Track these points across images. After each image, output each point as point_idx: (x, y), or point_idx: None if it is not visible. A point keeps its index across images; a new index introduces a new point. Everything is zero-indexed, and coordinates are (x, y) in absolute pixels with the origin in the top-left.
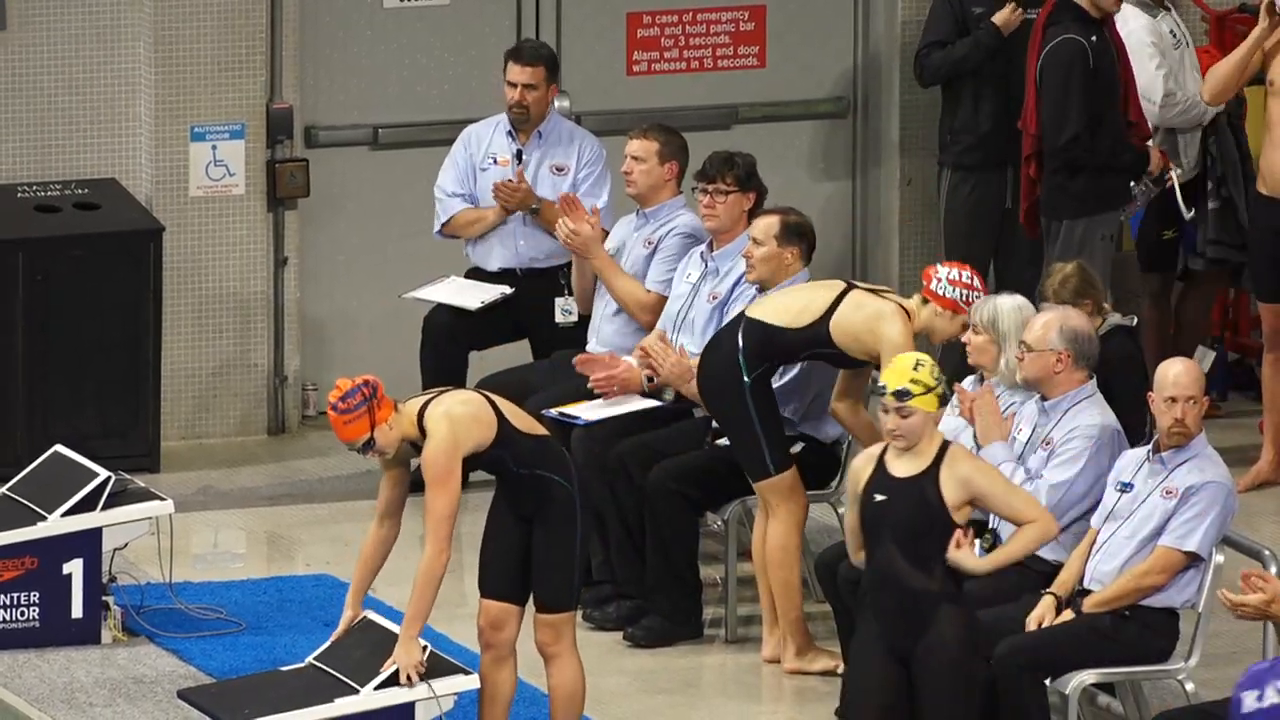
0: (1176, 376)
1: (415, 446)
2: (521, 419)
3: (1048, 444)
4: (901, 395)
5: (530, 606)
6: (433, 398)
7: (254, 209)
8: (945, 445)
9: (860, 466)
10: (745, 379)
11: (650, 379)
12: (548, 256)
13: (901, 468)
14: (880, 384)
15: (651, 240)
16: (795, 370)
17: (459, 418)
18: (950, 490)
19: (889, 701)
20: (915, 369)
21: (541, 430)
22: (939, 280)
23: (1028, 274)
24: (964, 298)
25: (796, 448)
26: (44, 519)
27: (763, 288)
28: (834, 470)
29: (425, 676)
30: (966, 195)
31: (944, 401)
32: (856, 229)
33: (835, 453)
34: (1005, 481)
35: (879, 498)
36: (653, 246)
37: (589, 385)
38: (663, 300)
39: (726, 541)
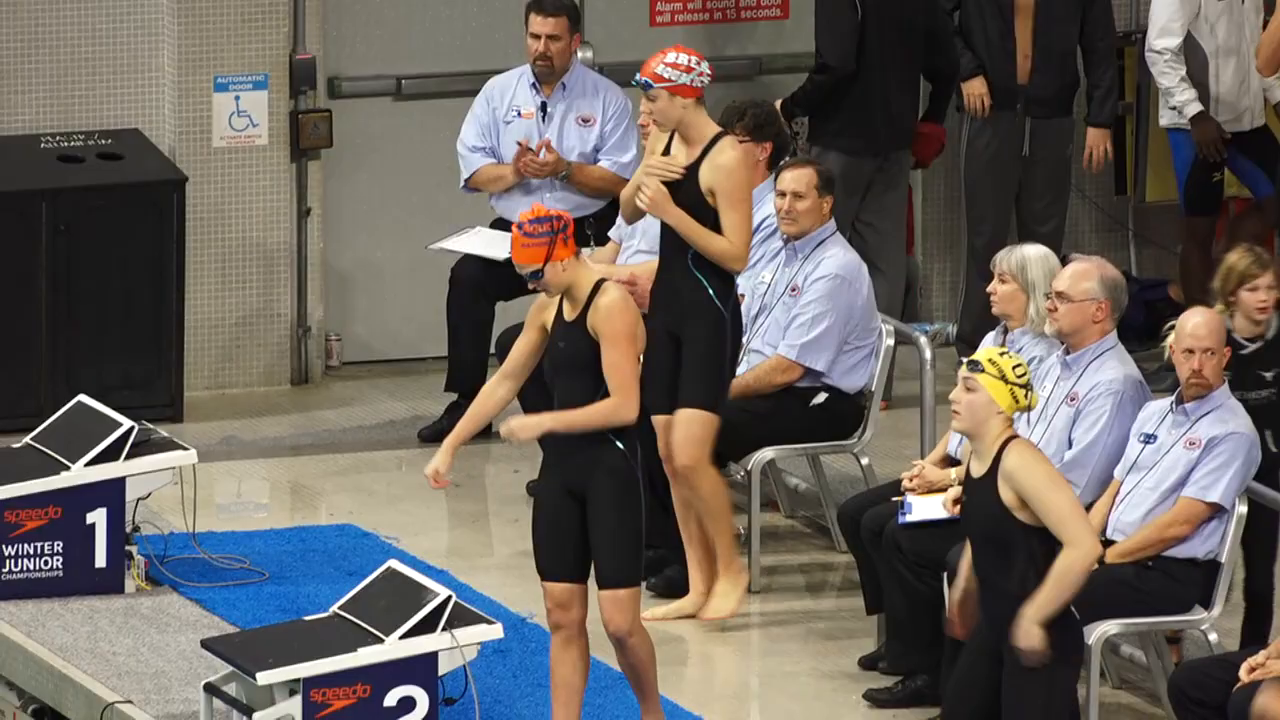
0: (1195, 328)
1: (571, 307)
2: None
3: (1073, 399)
4: (973, 365)
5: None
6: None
7: (277, 160)
8: (1009, 441)
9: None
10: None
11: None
12: (574, 208)
13: (975, 467)
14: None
15: None
16: (825, 323)
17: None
18: (1005, 489)
19: (978, 697)
20: (1002, 355)
21: None
22: (666, 68)
23: (1049, 223)
24: (694, 81)
25: (820, 398)
26: (67, 469)
27: (790, 239)
28: (857, 421)
29: (449, 625)
30: (985, 142)
31: (1019, 405)
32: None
33: (859, 403)
34: (1048, 479)
35: (966, 498)
36: None
37: None
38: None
39: (749, 492)
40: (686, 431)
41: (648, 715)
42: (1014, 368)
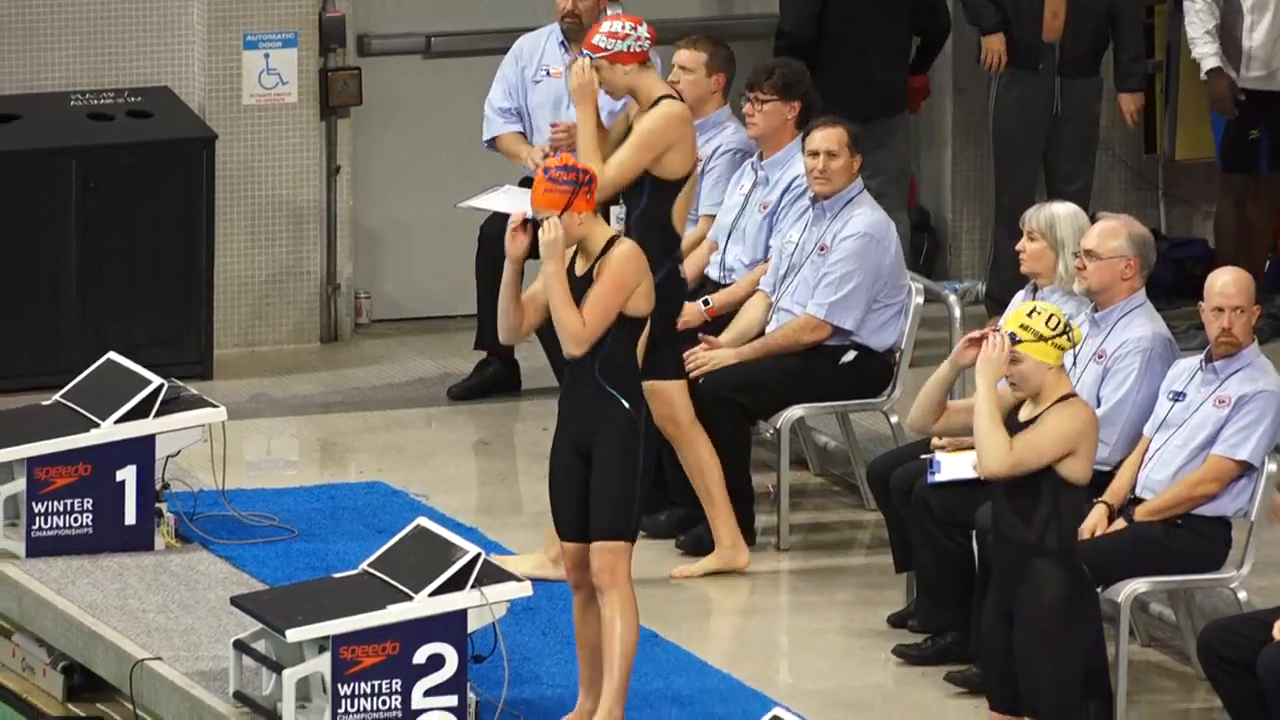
0: (1224, 286)
1: (583, 261)
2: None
3: (1101, 357)
4: (1011, 338)
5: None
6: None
7: (307, 117)
8: (1065, 398)
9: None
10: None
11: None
12: None
13: (1024, 412)
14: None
15: (699, 157)
16: (854, 282)
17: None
18: None
19: (997, 654)
20: (1030, 315)
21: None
22: (603, 38)
23: (1076, 182)
24: (631, 47)
25: (849, 356)
26: (97, 426)
27: (819, 199)
28: (886, 379)
29: (478, 583)
30: (1014, 100)
31: (1066, 349)
32: (909, 136)
33: (888, 361)
34: (1056, 435)
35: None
36: (700, 164)
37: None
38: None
39: (779, 450)
40: None
41: (606, 701)
42: (1046, 322)
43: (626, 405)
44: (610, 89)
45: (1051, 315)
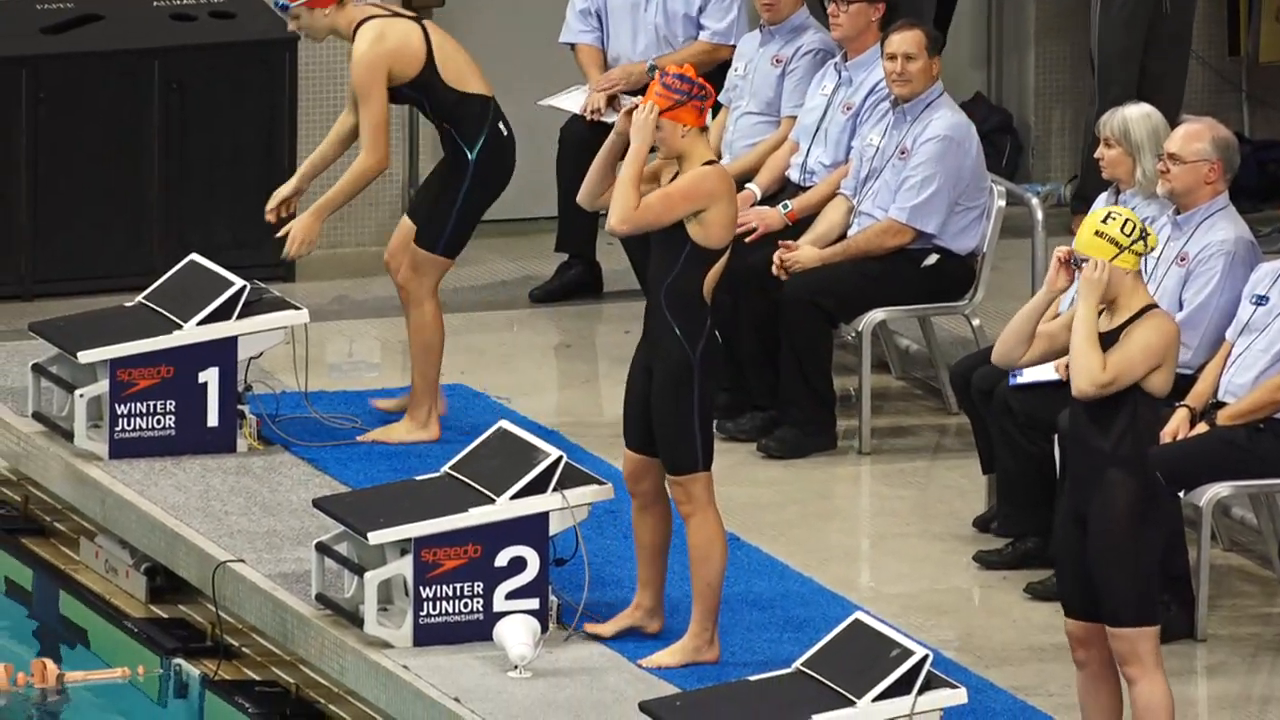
0: None
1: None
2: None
3: (1183, 260)
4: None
5: None
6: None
7: None
8: (1147, 308)
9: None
10: None
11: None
12: None
13: (1104, 322)
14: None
15: (780, 58)
16: (935, 185)
17: (727, 191)
18: None
19: (1071, 561)
20: (1105, 221)
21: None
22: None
23: (1169, 85)
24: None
25: (931, 259)
26: (179, 328)
27: (900, 102)
28: (968, 282)
29: (559, 486)
30: (1122, 4)
31: (1144, 253)
32: (991, 40)
33: (970, 265)
34: (1144, 352)
35: None
36: (781, 65)
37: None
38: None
39: (860, 353)
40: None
41: (694, 626)
42: (1121, 228)
43: (683, 340)
44: (311, 33)
45: (1127, 221)
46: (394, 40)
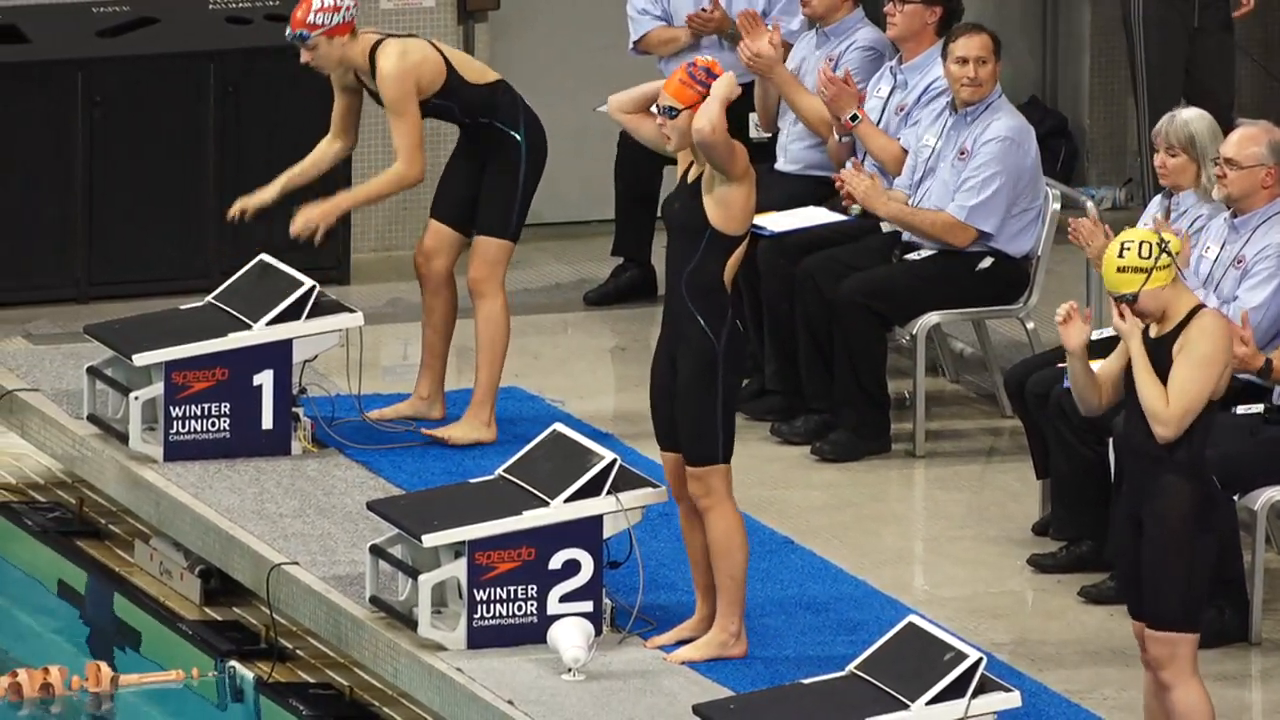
0: None
1: (698, 167)
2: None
3: (1240, 262)
4: (1122, 300)
5: None
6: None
7: (444, 21)
8: (1196, 309)
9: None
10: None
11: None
12: (743, 73)
13: (1155, 328)
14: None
15: (833, 57)
16: (996, 184)
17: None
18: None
19: (1129, 562)
20: (1120, 256)
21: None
22: (318, 14)
23: (1219, 94)
24: (345, 17)
25: (986, 263)
26: (248, 328)
27: (963, 105)
28: (1023, 286)
29: (614, 489)
30: (1154, 12)
31: (1176, 265)
32: (1046, 43)
33: (1025, 268)
34: (1205, 358)
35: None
36: (834, 63)
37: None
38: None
39: (915, 356)
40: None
41: (721, 619)
42: (1139, 253)
43: (706, 329)
44: (326, 65)
45: (1141, 243)
46: (417, 54)
